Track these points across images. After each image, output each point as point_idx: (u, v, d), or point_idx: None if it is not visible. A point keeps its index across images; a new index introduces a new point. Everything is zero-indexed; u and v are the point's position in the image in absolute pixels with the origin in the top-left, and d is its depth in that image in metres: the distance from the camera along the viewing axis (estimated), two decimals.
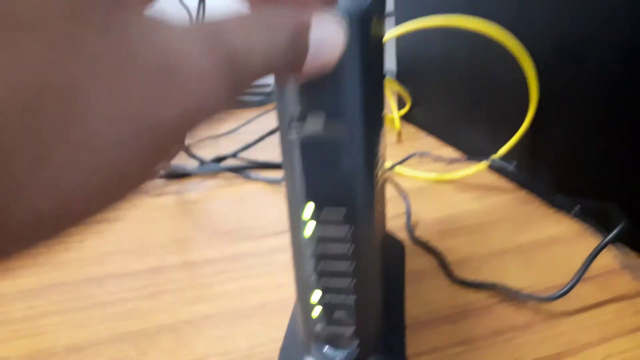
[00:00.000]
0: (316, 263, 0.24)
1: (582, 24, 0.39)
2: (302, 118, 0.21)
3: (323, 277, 0.25)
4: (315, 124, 0.21)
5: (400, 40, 0.73)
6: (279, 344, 0.31)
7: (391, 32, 0.51)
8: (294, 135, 0.21)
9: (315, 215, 0.23)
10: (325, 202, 0.23)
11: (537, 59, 0.44)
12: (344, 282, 0.25)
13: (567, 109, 0.43)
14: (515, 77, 0.48)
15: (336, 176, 0.22)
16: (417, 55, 0.68)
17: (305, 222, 0.24)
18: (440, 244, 0.41)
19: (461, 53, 0.56)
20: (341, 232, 0.23)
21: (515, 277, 0.37)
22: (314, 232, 0.24)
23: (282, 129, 0.22)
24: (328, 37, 0.16)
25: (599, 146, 0.40)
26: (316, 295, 0.25)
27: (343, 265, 0.24)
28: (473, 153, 0.57)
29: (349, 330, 0.26)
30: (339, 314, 0.26)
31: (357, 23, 0.19)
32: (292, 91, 0.21)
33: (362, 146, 0.21)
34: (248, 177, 0.58)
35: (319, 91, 0.20)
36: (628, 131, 0.37)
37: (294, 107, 0.21)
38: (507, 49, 0.45)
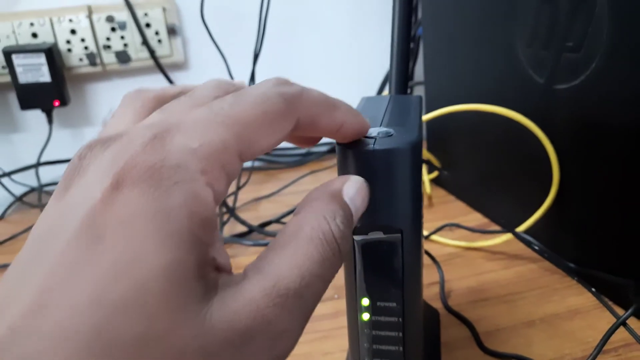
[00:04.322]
0: (369, 345, 0.30)
1: (601, 112, 0.44)
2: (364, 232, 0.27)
3: (376, 357, 0.30)
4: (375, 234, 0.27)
5: (431, 107, 0.78)
6: None
7: (426, 117, 0.58)
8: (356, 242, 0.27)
9: (370, 307, 0.29)
10: (379, 298, 0.28)
11: (559, 144, 0.49)
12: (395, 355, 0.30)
13: (588, 188, 0.47)
14: (539, 155, 0.53)
15: (389, 278, 0.28)
16: (446, 124, 0.73)
17: (361, 312, 0.29)
18: (472, 314, 0.46)
19: (488, 126, 0.62)
20: (392, 322, 0.28)
21: (540, 349, 0.41)
22: (368, 320, 0.29)
23: None
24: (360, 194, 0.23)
25: (617, 223, 0.44)
26: None
27: (393, 347, 0.29)
28: (500, 220, 0.61)
29: None
30: None
31: (410, 152, 0.25)
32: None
33: (413, 250, 0.27)
34: None
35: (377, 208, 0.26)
36: None
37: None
38: (530, 132, 0.51)
